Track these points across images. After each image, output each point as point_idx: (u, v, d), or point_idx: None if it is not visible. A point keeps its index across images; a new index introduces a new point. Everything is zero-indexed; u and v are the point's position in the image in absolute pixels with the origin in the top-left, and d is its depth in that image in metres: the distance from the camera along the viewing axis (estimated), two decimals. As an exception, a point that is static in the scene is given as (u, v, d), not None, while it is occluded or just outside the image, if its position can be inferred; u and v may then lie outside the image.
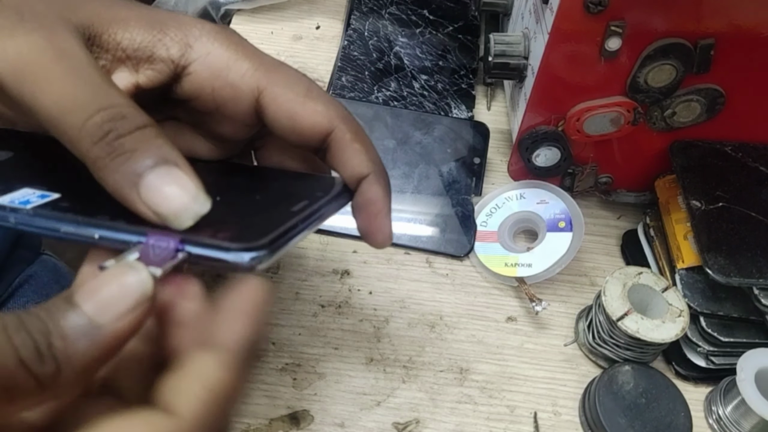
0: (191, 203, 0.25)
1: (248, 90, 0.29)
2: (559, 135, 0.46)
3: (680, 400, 0.41)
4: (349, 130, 0.30)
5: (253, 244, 0.25)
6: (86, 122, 0.24)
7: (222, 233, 0.25)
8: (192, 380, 0.23)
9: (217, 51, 0.29)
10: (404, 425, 0.41)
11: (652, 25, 0.40)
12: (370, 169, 0.31)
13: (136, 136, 0.24)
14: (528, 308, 0.46)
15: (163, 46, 0.28)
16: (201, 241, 0.25)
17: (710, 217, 0.43)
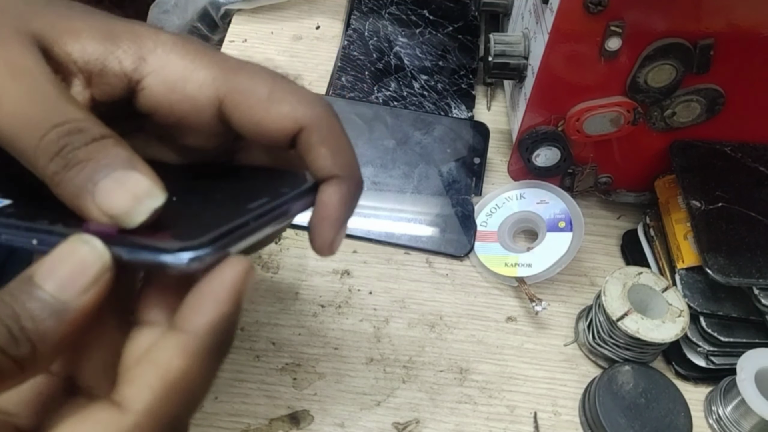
0: (143, 198, 0.24)
1: (208, 101, 0.28)
2: (559, 135, 0.46)
3: (680, 400, 0.41)
4: (316, 130, 0.28)
5: (191, 243, 0.23)
6: (41, 140, 0.24)
7: (161, 233, 0.24)
8: (147, 369, 0.22)
9: (172, 63, 0.28)
10: (404, 425, 0.41)
11: (652, 25, 0.40)
12: (334, 173, 0.29)
13: (91, 147, 0.24)
14: (528, 308, 0.46)
15: (116, 59, 0.27)
16: (133, 242, 0.23)
17: (710, 217, 0.43)
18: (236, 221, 0.25)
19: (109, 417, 0.21)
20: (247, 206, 0.27)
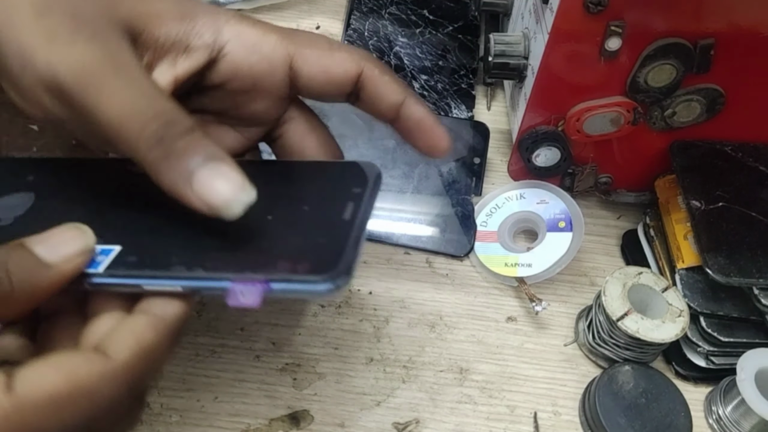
0: (239, 193, 0.26)
1: (281, 58, 0.32)
2: (559, 135, 0.46)
3: (680, 400, 0.41)
4: (375, 66, 0.33)
5: (334, 273, 0.26)
6: (143, 130, 0.26)
7: (300, 264, 0.26)
8: (125, 334, 0.26)
9: (245, 30, 0.31)
10: (404, 425, 0.41)
11: (652, 25, 0.40)
12: (405, 94, 0.33)
13: (186, 139, 0.26)
14: (528, 308, 0.46)
15: (197, 34, 0.30)
16: (285, 278, 0.26)
17: (710, 217, 0.43)
18: (350, 239, 0.27)
19: (96, 358, 0.25)
20: (342, 217, 0.29)
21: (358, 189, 0.30)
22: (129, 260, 0.28)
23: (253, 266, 0.27)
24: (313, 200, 0.31)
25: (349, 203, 0.29)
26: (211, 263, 0.27)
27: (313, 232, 0.29)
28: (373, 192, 0.30)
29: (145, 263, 0.28)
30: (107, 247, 0.29)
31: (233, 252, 0.28)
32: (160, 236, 0.29)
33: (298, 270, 0.26)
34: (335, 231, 0.28)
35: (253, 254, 0.28)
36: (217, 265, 0.27)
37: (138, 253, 0.28)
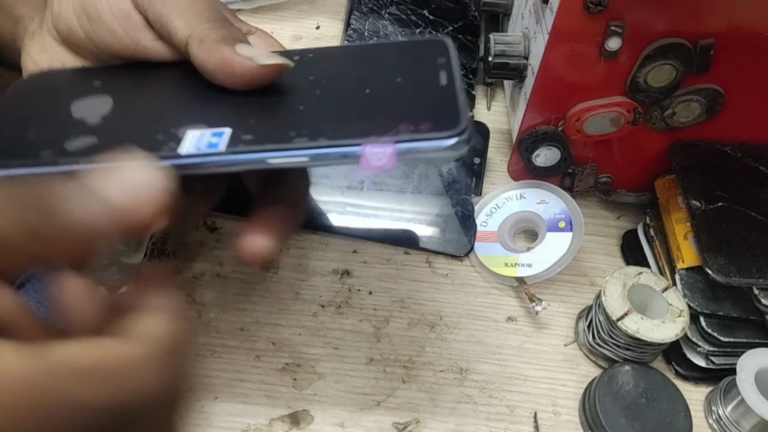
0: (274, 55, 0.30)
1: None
2: (559, 135, 0.46)
3: (680, 400, 0.41)
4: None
5: (459, 127, 0.26)
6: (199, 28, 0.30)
7: (423, 124, 0.27)
8: (151, 319, 0.24)
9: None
10: (404, 425, 0.41)
11: (652, 25, 0.40)
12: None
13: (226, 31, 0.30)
14: (528, 308, 0.46)
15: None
16: (413, 137, 0.27)
17: (710, 217, 0.43)
18: (458, 98, 0.28)
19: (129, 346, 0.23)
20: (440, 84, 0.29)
21: (442, 59, 0.31)
22: (246, 138, 0.28)
23: (376, 130, 0.27)
24: (403, 74, 0.31)
25: (441, 71, 0.30)
26: (333, 132, 0.27)
27: (417, 98, 0.29)
28: (456, 60, 0.31)
29: (264, 139, 0.27)
30: (217, 129, 0.28)
31: (348, 123, 0.28)
32: (268, 116, 0.29)
33: (424, 129, 0.27)
34: (440, 94, 0.29)
35: (369, 121, 0.28)
36: (340, 134, 0.27)
37: (252, 131, 0.28)
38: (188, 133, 0.28)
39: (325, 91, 0.30)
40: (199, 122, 0.28)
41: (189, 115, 0.29)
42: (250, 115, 0.29)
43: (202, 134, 0.28)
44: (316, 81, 0.31)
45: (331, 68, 0.32)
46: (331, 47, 0.36)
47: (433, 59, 0.31)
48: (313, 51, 0.34)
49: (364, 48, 0.35)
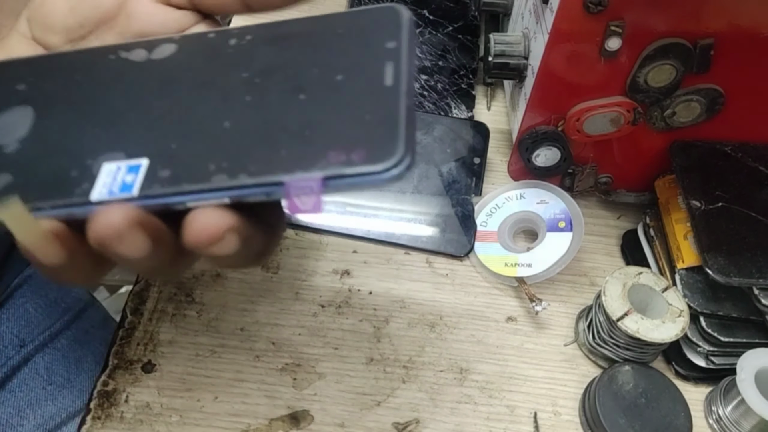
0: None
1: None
2: (559, 135, 0.46)
3: (680, 400, 0.41)
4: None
5: (398, 155, 0.24)
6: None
7: (356, 152, 0.24)
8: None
9: None
10: (404, 425, 0.41)
11: (652, 25, 0.40)
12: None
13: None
14: (528, 308, 0.46)
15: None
16: (343, 172, 0.24)
17: (710, 217, 0.43)
18: (400, 108, 0.25)
19: None
20: (383, 83, 0.26)
21: (392, 42, 0.27)
22: (162, 175, 0.26)
23: (303, 162, 0.24)
24: (345, 66, 0.28)
25: (388, 64, 0.26)
26: (255, 165, 0.25)
27: (357, 108, 0.26)
28: (410, 43, 0.27)
29: (182, 176, 0.26)
30: (133, 162, 0.27)
31: (275, 148, 0.26)
32: (189, 140, 0.27)
33: (355, 159, 0.24)
34: (381, 102, 0.25)
35: (299, 147, 0.25)
36: (263, 167, 0.25)
37: (170, 164, 0.26)
38: (103, 167, 0.27)
39: (255, 97, 0.28)
40: (117, 147, 0.27)
41: (108, 136, 0.28)
42: (171, 135, 0.27)
43: (117, 169, 0.26)
44: (249, 80, 0.29)
45: (268, 59, 0.30)
46: (274, 24, 0.32)
47: (381, 43, 0.27)
48: (253, 31, 0.31)
49: (308, 25, 0.31)
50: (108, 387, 0.41)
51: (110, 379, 0.41)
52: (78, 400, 0.48)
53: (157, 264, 0.27)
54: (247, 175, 0.25)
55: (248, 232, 0.26)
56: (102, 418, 0.40)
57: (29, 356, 0.49)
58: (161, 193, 0.26)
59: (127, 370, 0.42)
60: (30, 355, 0.49)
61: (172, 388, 0.41)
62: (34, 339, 0.51)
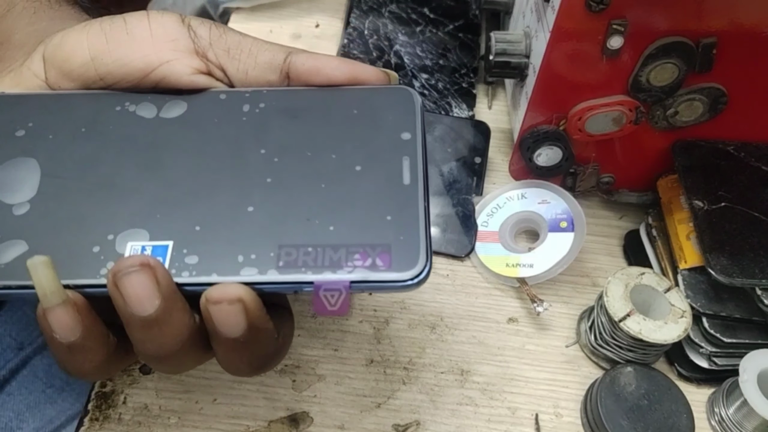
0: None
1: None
2: (560, 134, 0.46)
3: (683, 401, 0.40)
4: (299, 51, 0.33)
5: (419, 266, 0.24)
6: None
7: (380, 255, 0.25)
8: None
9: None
10: (404, 427, 0.41)
11: (654, 23, 0.39)
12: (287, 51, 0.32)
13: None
14: (529, 309, 0.46)
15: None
16: (369, 278, 0.25)
17: (713, 217, 0.42)
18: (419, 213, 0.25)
19: None
20: (402, 181, 0.26)
21: (407, 133, 0.27)
22: (189, 261, 0.25)
23: (331, 262, 0.25)
24: (363, 156, 0.27)
25: (405, 159, 0.27)
26: (284, 260, 0.25)
27: (378, 206, 0.26)
28: (423, 132, 0.27)
29: (210, 265, 0.25)
30: (158, 243, 0.26)
31: (302, 241, 0.25)
32: (213, 222, 0.26)
33: (380, 264, 0.24)
34: (402, 203, 0.25)
35: (326, 245, 0.25)
36: (291, 262, 0.25)
37: (197, 248, 0.26)
38: (128, 246, 0.26)
39: (276, 179, 0.27)
40: (139, 223, 0.26)
41: (127, 207, 0.27)
42: (194, 214, 0.27)
43: (143, 249, 0.26)
44: (268, 159, 0.28)
45: (284, 136, 0.29)
46: (285, 93, 0.31)
47: (397, 130, 0.27)
48: (265, 98, 0.30)
49: (322, 99, 0.30)
50: (106, 388, 0.41)
51: (108, 380, 0.41)
52: (77, 402, 0.48)
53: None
54: (277, 272, 0.25)
55: (259, 315, 0.26)
56: (100, 419, 0.39)
57: (28, 359, 0.49)
58: (189, 282, 0.25)
59: (125, 371, 0.41)
60: (29, 358, 0.49)
61: (170, 390, 0.41)
62: (33, 341, 0.50)
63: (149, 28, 0.31)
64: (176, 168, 0.28)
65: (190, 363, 0.29)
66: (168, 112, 0.30)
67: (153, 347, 0.27)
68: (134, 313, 0.25)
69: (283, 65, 0.31)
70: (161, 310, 0.25)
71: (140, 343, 0.27)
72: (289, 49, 0.32)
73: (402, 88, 0.29)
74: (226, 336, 0.26)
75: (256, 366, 0.30)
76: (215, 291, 0.25)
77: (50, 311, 0.25)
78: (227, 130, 0.29)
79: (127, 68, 0.31)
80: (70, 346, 0.26)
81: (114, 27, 0.31)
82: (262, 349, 0.28)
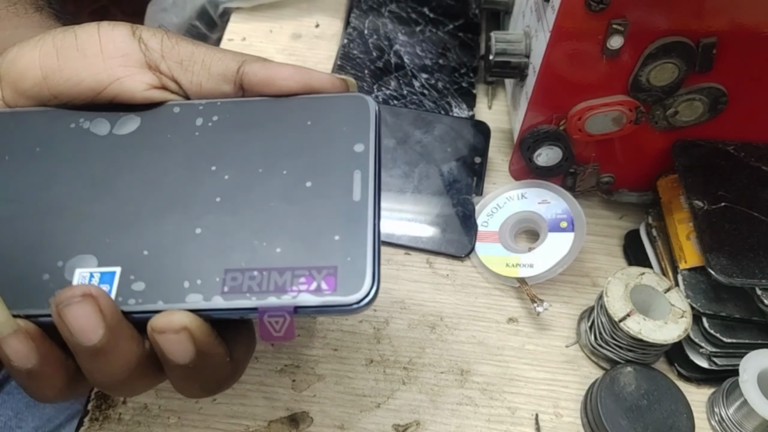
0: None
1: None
2: (560, 134, 0.46)
3: (683, 401, 0.40)
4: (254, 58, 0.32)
5: (365, 289, 0.24)
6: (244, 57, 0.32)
7: (325, 278, 0.24)
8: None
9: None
10: (404, 427, 0.41)
11: (654, 23, 0.39)
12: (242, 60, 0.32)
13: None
14: (529, 309, 0.46)
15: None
16: (313, 303, 0.24)
17: (713, 217, 0.42)
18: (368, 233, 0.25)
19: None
20: (352, 197, 0.26)
21: (360, 145, 0.27)
22: (136, 288, 0.26)
23: (276, 287, 0.25)
24: (314, 171, 0.27)
25: (356, 173, 0.26)
26: (228, 286, 0.25)
27: (326, 225, 0.25)
28: (377, 143, 0.27)
29: (156, 291, 0.25)
30: (106, 269, 0.26)
31: (248, 264, 0.25)
32: (160, 246, 0.26)
33: (325, 288, 0.24)
34: (350, 221, 0.25)
35: (271, 268, 0.25)
36: (236, 288, 0.25)
37: (143, 275, 0.26)
38: (76, 273, 0.26)
39: (225, 198, 0.27)
40: (86, 248, 0.26)
41: (76, 232, 0.27)
42: (142, 237, 0.26)
43: (90, 276, 0.26)
44: (218, 176, 0.27)
45: (236, 151, 0.28)
46: (239, 104, 0.30)
47: (350, 141, 0.27)
48: (219, 110, 0.30)
49: (276, 110, 0.30)
50: (106, 389, 0.41)
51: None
52: (77, 401, 0.48)
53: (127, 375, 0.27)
54: (221, 298, 0.25)
55: (206, 341, 0.26)
56: (100, 419, 0.39)
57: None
58: (135, 311, 0.25)
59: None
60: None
61: (170, 390, 0.41)
62: None
63: (99, 43, 0.30)
64: (127, 187, 0.28)
65: (142, 387, 0.29)
66: (121, 129, 0.30)
67: (101, 376, 0.27)
68: (79, 343, 0.25)
69: (236, 76, 0.30)
70: (106, 340, 0.25)
71: (89, 372, 0.27)
72: (242, 58, 0.31)
73: (357, 96, 0.29)
74: (175, 363, 0.26)
75: (209, 389, 0.30)
76: (160, 320, 0.26)
77: (3, 341, 0.25)
78: (180, 146, 0.29)
79: (78, 87, 0.30)
80: (29, 373, 0.26)
81: (65, 43, 0.30)
82: (213, 374, 0.28)
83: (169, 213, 0.27)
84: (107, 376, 0.27)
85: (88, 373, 0.27)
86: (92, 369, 0.27)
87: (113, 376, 0.27)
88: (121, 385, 0.27)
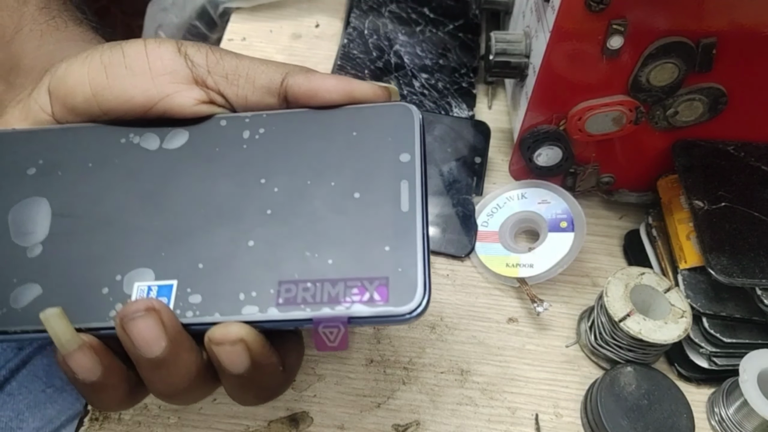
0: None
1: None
2: (560, 134, 0.46)
3: (683, 401, 0.40)
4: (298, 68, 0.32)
5: (417, 299, 0.24)
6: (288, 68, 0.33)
7: (378, 289, 0.25)
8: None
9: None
10: (404, 427, 0.41)
11: (654, 23, 0.39)
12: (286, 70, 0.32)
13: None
14: (529, 309, 0.46)
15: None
16: (367, 315, 0.25)
17: (713, 217, 0.42)
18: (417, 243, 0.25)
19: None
20: (400, 208, 0.26)
21: (406, 154, 0.27)
22: (193, 300, 0.26)
23: (329, 297, 0.25)
24: (361, 182, 0.27)
25: (403, 184, 0.26)
26: (283, 297, 0.26)
27: (376, 235, 0.26)
28: (423, 151, 0.27)
29: (212, 304, 0.26)
30: (163, 282, 0.27)
31: (301, 276, 0.26)
32: (215, 259, 0.27)
33: (377, 299, 0.25)
34: (400, 232, 0.25)
35: (324, 279, 0.26)
36: (291, 299, 0.25)
37: (199, 287, 0.26)
38: (135, 287, 0.27)
39: (276, 211, 0.27)
40: (144, 262, 0.27)
41: (133, 247, 0.27)
42: (197, 251, 0.27)
43: (149, 290, 0.27)
44: (268, 189, 0.28)
45: (284, 163, 0.29)
46: (285, 116, 0.31)
47: (396, 151, 0.27)
48: (265, 123, 0.30)
49: (321, 121, 0.30)
50: (106, 389, 0.41)
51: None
52: (77, 402, 0.48)
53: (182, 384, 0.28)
54: (277, 309, 0.26)
55: (261, 352, 0.27)
56: (100, 419, 0.39)
57: (28, 358, 0.49)
58: (193, 323, 0.26)
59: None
60: (29, 358, 0.49)
61: (170, 390, 0.41)
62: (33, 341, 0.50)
63: (147, 61, 0.31)
64: (179, 201, 0.28)
65: (200, 395, 0.30)
66: (171, 143, 0.30)
67: (162, 386, 0.28)
68: (142, 355, 0.26)
69: (280, 89, 0.31)
70: (168, 352, 0.26)
71: (150, 382, 0.28)
72: (285, 70, 0.31)
73: (401, 105, 0.29)
74: (231, 373, 0.27)
75: (263, 397, 0.30)
76: (217, 332, 0.26)
77: (69, 357, 0.26)
78: (228, 159, 0.29)
79: (128, 104, 0.31)
80: (93, 386, 0.27)
81: (113, 60, 0.31)
82: (267, 382, 0.29)
83: (221, 226, 0.28)
84: (168, 385, 0.27)
85: (149, 383, 0.28)
86: (154, 379, 0.27)
87: (174, 385, 0.27)
88: (180, 394, 0.28)
